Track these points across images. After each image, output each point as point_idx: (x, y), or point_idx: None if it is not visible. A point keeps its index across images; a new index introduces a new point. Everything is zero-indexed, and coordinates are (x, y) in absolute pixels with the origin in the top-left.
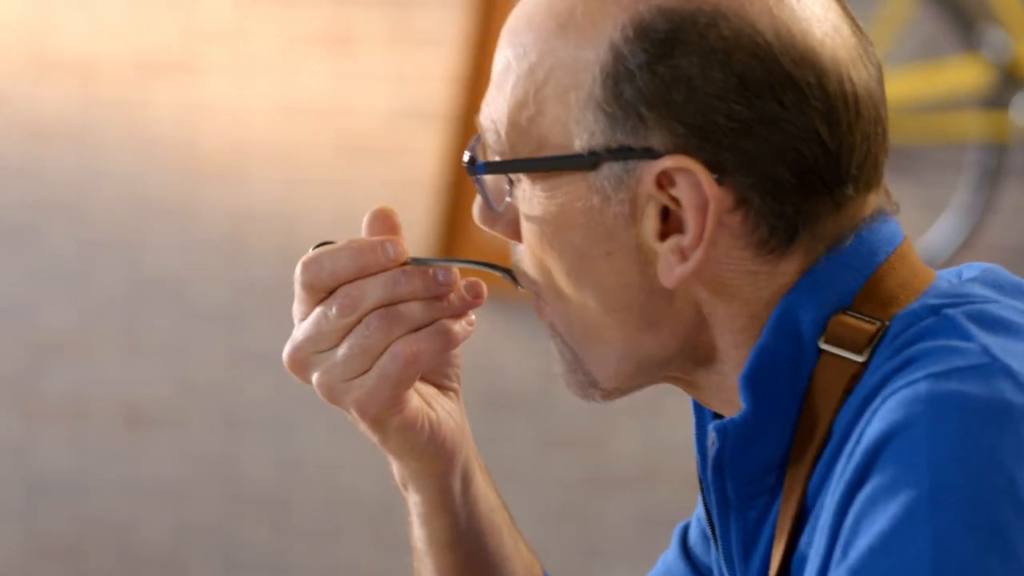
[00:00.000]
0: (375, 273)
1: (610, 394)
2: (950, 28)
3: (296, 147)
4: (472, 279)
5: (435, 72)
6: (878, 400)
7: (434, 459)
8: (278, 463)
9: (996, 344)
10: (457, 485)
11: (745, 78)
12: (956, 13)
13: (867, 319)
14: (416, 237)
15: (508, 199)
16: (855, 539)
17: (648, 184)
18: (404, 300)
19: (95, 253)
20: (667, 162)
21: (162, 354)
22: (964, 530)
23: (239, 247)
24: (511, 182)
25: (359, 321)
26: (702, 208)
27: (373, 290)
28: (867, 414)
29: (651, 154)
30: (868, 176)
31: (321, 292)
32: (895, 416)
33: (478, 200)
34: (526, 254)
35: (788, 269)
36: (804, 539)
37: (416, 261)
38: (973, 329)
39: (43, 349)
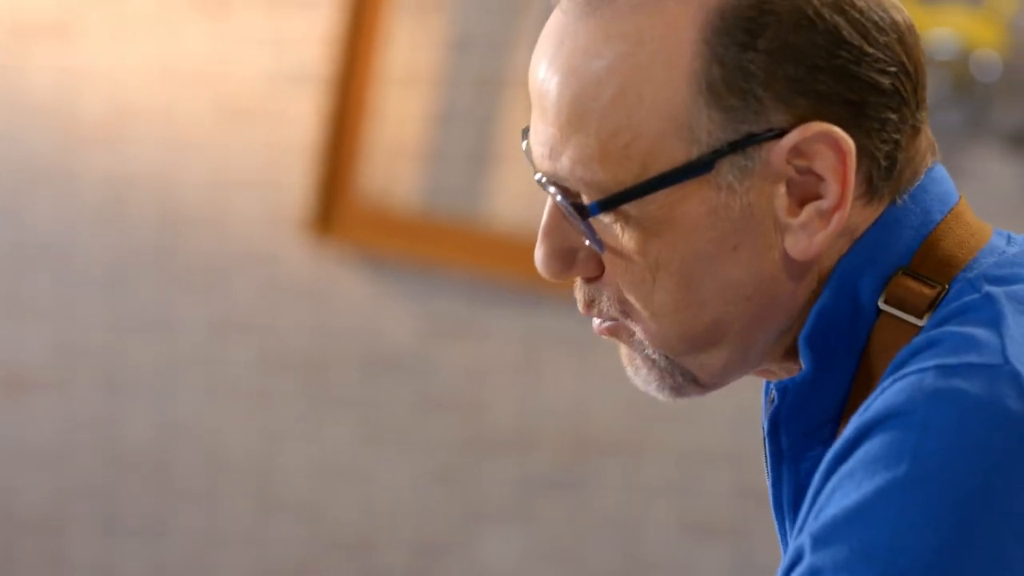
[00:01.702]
0: None
1: (707, 388)
2: None
3: (175, 111)
4: None
5: (313, 35)
6: (889, 380)
7: None
8: (158, 426)
9: (1020, 338)
10: None
11: (838, 29)
12: None
13: (928, 282)
14: (294, 201)
15: (592, 236)
16: (827, 507)
17: (778, 163)
18: None
19: None
20: (797, 135)
21: (42, 318)
22: (928, 523)
23: (118, 211)
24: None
25: None
26: (840, 165)
27: None
28: (877, 390)
29: (777, 132)
30: (925, 99)
31: None
32: (896, 400)
33: (547, 250)
34: (617, 284)
35: (870, 217)
36: None
37: None
38: (1008, 318)
39: None
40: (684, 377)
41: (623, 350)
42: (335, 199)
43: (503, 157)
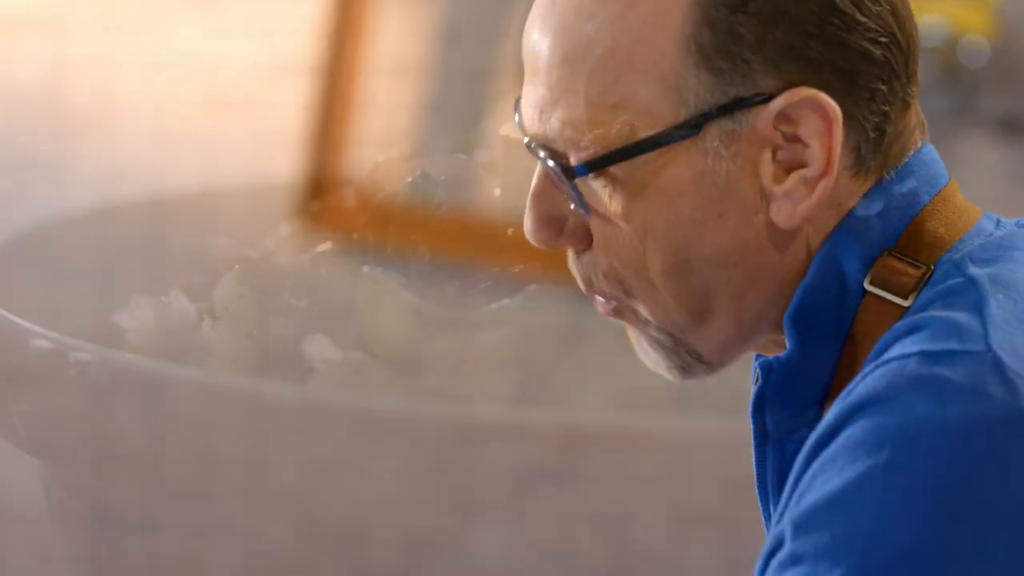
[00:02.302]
0: None
1: (713, 367)
2: None
3: (165, 103)
4: None
5: (301, 25)
6: (871, 366)
7: None
8: (150, 422)
9: (1003, 324)
10: None
11: None
12: None
13: (913, 262)
14: (283, 192)
15: (578, 199)
16: (808, 493)
17: (765, 128)
18: None
19: None
20: (784, 99)
21: (30, 312)
22: (907, 513)
23: (108, 203)
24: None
25: None
26: (826, 132)
27: None
28: (859, 375)
29: (764, 97)
30: (916, 73)
31: None
32: (877, 386)
33: (535, 215)
34: (609, 254)
35: (857, 192)
36: None
37: None
38: (991, 301)
39: None
40: (689, 355)
41: (630, 332)
42: (325, 190)
43: (493, 147)
